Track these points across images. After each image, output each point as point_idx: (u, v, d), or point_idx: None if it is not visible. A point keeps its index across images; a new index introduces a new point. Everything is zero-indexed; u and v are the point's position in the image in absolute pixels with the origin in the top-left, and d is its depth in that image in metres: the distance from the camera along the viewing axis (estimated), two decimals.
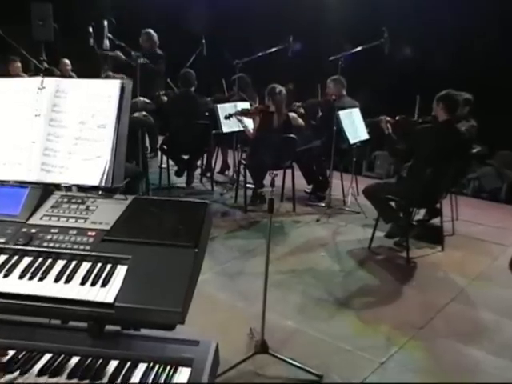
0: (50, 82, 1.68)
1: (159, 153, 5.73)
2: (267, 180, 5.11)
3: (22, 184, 1.61)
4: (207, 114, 5.64)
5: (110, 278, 1.36)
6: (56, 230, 1.48)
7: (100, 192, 1.63)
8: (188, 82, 5.55)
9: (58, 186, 1.65)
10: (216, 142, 6.27)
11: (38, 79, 1.68)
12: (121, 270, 1.38)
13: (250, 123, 5.29)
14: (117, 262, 1.41)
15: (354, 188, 5.55)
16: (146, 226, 1.47)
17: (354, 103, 5.46)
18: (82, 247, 1.43)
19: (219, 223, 4.78)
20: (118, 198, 1.62)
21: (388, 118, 4.34)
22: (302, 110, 5.60)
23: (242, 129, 5.33)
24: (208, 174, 6.24)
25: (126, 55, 6.01)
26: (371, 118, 4.71)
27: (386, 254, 4.29)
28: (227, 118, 5.29)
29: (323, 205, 5.33)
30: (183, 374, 1.27)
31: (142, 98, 5.20)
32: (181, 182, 5.94)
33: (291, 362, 2.68)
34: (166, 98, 5.88)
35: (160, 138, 6.05)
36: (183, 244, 1.38)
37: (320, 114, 5.72)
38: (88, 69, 5.17)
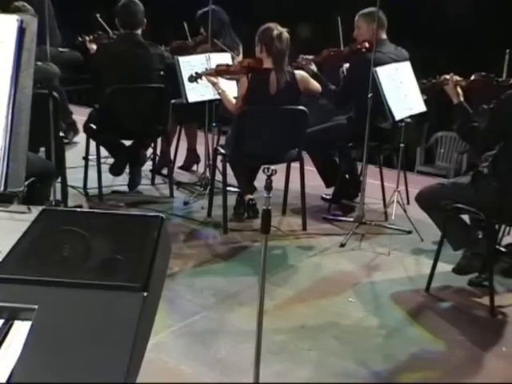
0: None
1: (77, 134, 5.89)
2: (260, 180, 5.11)
3: None
4: (162, 72, 5.74)
5: (0, 344, 1.33)
6: None
7: None
8: (131, 19, 5.61)
9: None
10: (177, 119, 6.36)
11: None
12: (19, 330, 1.36)
13: (230, 88, 5.31)
14: (12, 317, 1.39)
15: (402, 192, 5.60)
16: (63, 257, 1.47)
17: (401, 54, 5.53)
18: None
19: (183, 250, 4.83)
20: (16, 210, 1.63)
21: (458, 78, 4.40)
22: (314, 67, 5.62)
23: (218, 97, 5.40)
24: (164, 171, 6.30)
25: None
26: (430, 77, 4.73)
27: (456, 301, 4.32)
28: (194, 79, 5.33)
29: (351, 220, 5.40)
30: None
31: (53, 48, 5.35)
32: (120, 182, 6.00)
33: None
34: (94, 46, 5.97)
35: (83, 111, 6.10)
36: (124, 285, 1.39)
37: (344, 72, 5.80)
38: None
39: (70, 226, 1.51)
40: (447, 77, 4.41)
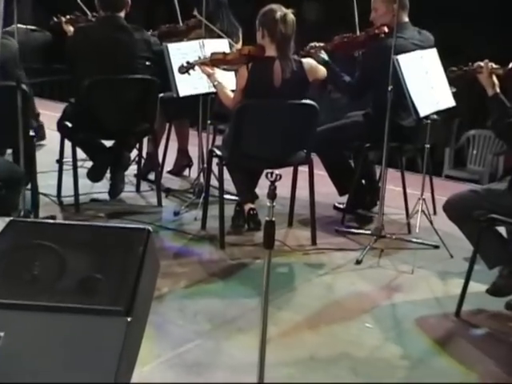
0: None
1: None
2: (262, 186, 5.03)
3: None
4: (148, 61, 5.75)
5: None
6: None
7: None
8: (113, 0, 5.65)
9: None
10: (166, 116, 6.39)
11: None
12: None
13: (228, 79, 5.32)
14: None
15: (428, 201, 5.59)
16: (33, 276, 1.47)
17: (425, 40, 5.56)
18: None
19: (173, 268, 4.84)
20: None
21: (494, 66, 4.39)
22: (325, 55, 5.63)
23: (213, 90, 5.40)
24: (151, 176, 6.32)
25: None
26: (460, 65, 4.71)
27: (491, 327, 4.29)
28: (185, 70, 5.31)
29: (369, 233, 5.43)
30: None
31: (23, 26, 5.38)
32: (100, 189, 6.01)
33: None
34: (71, 29, 6.03)
35: (57, 107, 6.09)
36: (104, 309, 1.40)
37: (361, 61, 5.79)
38: None
39: (42, 239, 1.51)
40: (481, 64, 4.40)
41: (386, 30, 5.38)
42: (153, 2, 6.82)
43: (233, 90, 5.21)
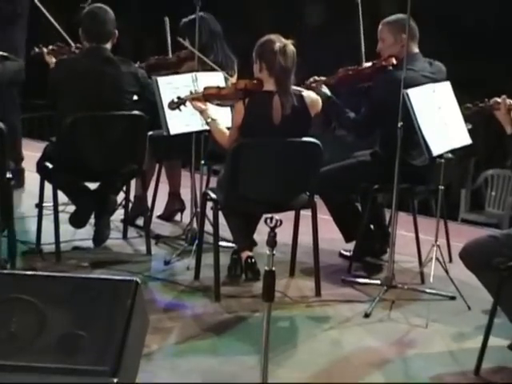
0: None
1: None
2: (261, 232, 4.96)
3: None
4: (136, 96, 5.78)
5: None
6: None
7: None
8: (99, 30, 5.65)
9: None
10: (156, 156, 6.38)
11: None
12: None
13: (223, 116, 5.34)
14: None
15: (443, 247, 5.57)
16: (10, 333, 1.46)
17: (438, 72, 5.59)
18: None
19: (163, 323, 4.79)
20: None
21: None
22: (327, 90, 5.67)
23: (207, 128, 5.42)
24: (139, 221, 6.34)
25: None
26: (476, 100, 4.74)
27: None
28: (176, 105, 5.34)
29: (378, 283, 5.40)
30: None
31: None
32: (83, 236, 5.99)
33: None
34: (54, 60, 6.02)
35: (36, 146, 6.10)
36: (88, 369, 1.38)
37: (367, 96, 5.78)
38: None
39: (20, 293, 1.50)
40: (498, 100, 4.42)
41: (394, 61, 5.41)
42: (141, 32, 6.80)
43: (228, 128, 5.22)
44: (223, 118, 5.34)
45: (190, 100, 5.28)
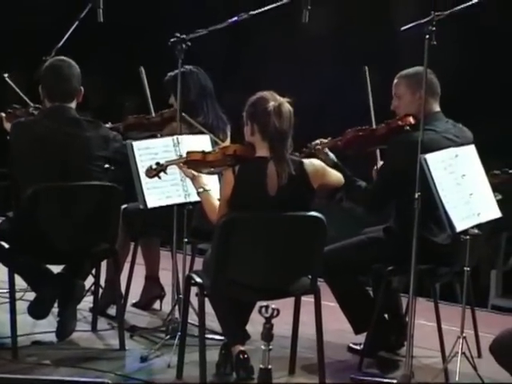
0: None
1: None
2: (255, 322, 4.79)
3: None
4: (108, 164, 5.63)
5: None
6: None
7: None
8: (61, 86, 5.55)
9: None
10: (131, 233, 6.28)
11: None
12: None
13: (211, 186, 5.15)
14: None
15: (470, 339, 5.33)
16: None
17: (462, 134, 5.48)
18: None
19: None
20: None
21: None
22: (332, 156, 5.56)
23: (191, 200, 5.41)
24: (111, 311, 6.19)
25: None
26: (505, 167, 4.76)
27: None
28: (155, 173, 5.14)
29: (394, 382, 5.17)
30: None
31: None
32: (44, 329, 5.71)
33: None
34: (8, 126, 5.93)
35: None
36: None
37: (379, 162, 5.79)
38: None
39: None
40: None
41: (412, 121, 5.27)
42: (118, 90, 6.65)
43: (219, 199, 5.13)
44: (212, 187, 5.21)
45: (172, 164, 5.17)
